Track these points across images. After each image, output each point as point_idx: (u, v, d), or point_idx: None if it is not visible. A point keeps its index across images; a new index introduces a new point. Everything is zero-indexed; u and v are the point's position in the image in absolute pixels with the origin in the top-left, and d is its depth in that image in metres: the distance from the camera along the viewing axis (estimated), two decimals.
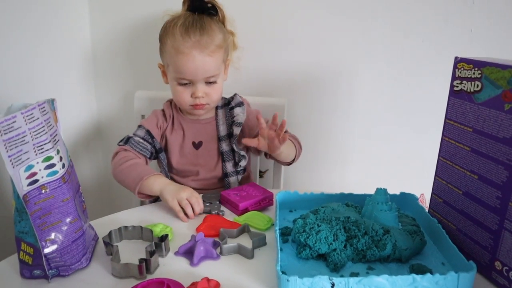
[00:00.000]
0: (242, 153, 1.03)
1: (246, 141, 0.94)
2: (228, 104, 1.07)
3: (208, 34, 0.95)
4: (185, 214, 0.84)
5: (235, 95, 1.08)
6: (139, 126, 1.04)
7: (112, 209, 0.85)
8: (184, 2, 1.02)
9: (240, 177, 1.05)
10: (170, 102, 1.10)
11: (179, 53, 0.94)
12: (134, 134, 1.02)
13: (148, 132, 1.03)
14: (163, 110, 1.08)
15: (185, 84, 0.98)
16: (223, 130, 1.04)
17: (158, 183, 0.90)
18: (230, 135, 1.04)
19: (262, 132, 0.92)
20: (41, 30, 1.10)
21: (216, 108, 1.07)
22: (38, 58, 1.11)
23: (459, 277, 0.57)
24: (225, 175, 1.04)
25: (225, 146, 1.04)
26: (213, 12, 1.01)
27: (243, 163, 1.03)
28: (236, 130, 1.02)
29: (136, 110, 1.23)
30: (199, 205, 0.84)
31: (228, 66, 1.07)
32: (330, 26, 1.14)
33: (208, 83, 0.99)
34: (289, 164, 1.05)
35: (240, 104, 1.06)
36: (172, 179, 1.06)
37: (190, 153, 1.05)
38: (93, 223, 0.77)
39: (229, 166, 1.04)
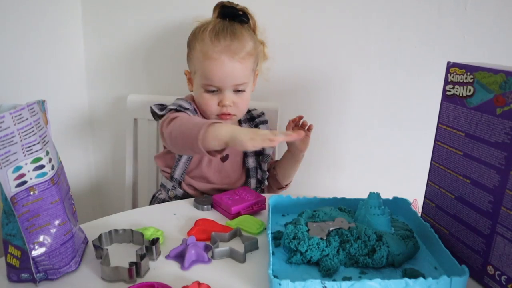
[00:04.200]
0: (264, 169, 1.04)
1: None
2: (252, 119, 1.06)
3: (239, 40, 0.93)
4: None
5: (262, 113, 1.08)
6: (185, 101, 0.96)
7: (102, 213, 0.85)
8: (214, 9, 0.99)
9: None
10: (195, 109, 1.01)
11: (207, 58, 0.91)
12: (182, 107, 0.93)
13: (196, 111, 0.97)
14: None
15: (213, 91, 0.94)
16: None
17: (227, 127, 0.76)
18: (257, 152, 1.04)
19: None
20: (33, 32, 1.10)
21: (240, 122, 1.05)
22: (30, 60, 1.10)
23: (451, 281, 0.57)
24: None
25: (251, 163, 1.03)
26: (244, 19, 0.98)
27: (265, 181, 1.04)
28: (269, 150, 1.03)
29: (128, 113, 1.22)
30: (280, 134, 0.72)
31: (257, 77, 1.04)
32: (324, 31, 1.15)
33: (237, 91, 0.95)
34: (283, 188, 1.09)
35: (265, 122, 1.05)
36: (188, 182, 1.01)
37: (215, 164, 1.01)
38: (83, 227, 0.76)
39: (253, 183, 1.04)
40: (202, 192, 1.03)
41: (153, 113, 0.97)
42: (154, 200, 1.11)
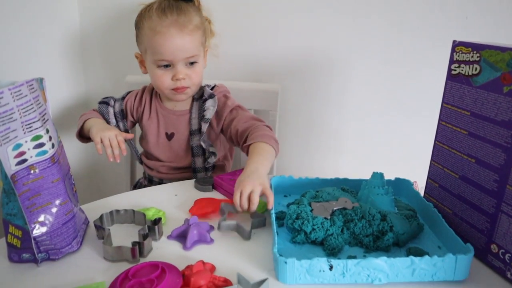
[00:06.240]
0: (212, 149, 1.00)
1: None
2: (202, 96, 1.04)
3: (185, 14, 0.94)
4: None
5: (206, 86, 1.05)
6: (122, 98, 1.07)
7: (99, 196, 0.84)
8: None
9: (209, 173, 1.04)
10: (153, 87, 1.07)
11: (156, 33, 0.92)
12: (113, 102, 1.05)
13: (122, 112, 1.05)
14: (142, 94, 1.07)
15: (165, 66, 0.95)
16: (194, 124, 1.02)
17: (93, 121, 0.97)
18: (200, 131, 1.01)
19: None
20: (27, 12, 1.07)
21: (193, 100, 1.04)
22: (25, 41, 1.08)
23: (457, 259, 0.57)
24: (194, 170, 1.03)
25: (195, 141, 1.02)
26: None
27: (212, 160, 1.01)
28: (204, 127, 0.99)
29: None
30: (116, 149, 0.90)
31: (207, 53, 1.04)
32: (324, 11, 1.13)
33: (189, 64, 0.96)
34: None
35: (211, 96, 1.02)
36: (144, 162, 1.09)
37: (162, 143, 1.04)
38: (83, 208, 0.75)
39: (198, 162, 1.02)
40: (158, 171, 1.06)
41: None
42: (137, 185, 1.16)
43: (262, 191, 0.73)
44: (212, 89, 1.04)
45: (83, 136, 1.00)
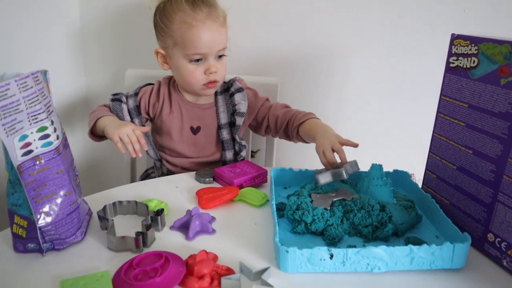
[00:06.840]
0: (244, 142, 1.02)
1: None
2: (227, 90, 1.04)
3: (214, 7, 0.94)
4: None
5: (234, 80, 1.05)
6: (135, 94, 1.03)
7: (100, 189, 0.85)
8: None
9: None
10: (169, 79, 1.06)
11: (192, 26, 0.91)
12: (126, 98, 1.03)
13: (137, 108, 1.02)
14: (158, 88, 1.04)
15: (198, 61, 0.94)
16: (223, 118, 1.02)
17: (106, 119, 0.94)
18: (231, 123, 1.02)
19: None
20: (28, 7, 1.07)
21: (216, 93, 1.04)
22: (25, 36, 1.08)
23: (454, 247, 0.58)
24: (224, 163, 1.03)
25: (225, 135, 1.02)
26: None
27: (244, 153, 1.02)
28: (239, 121, 1.00)
29: (126, 88, 1.20)
30: (137, 144, 0.87)
31: None
32: (324, 4, 1.14)
33: (218, 57, 0.96)
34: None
35: (240, 89, 1.03)
36: (165, 159, 1.06)
37: (187, 137, 1.03)
38: (86, 199, 0.76)
39: (229, 155, 1.03)
40: (182, 168, 1.05)
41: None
42: (145, 177, 1.14)
43: (339, 143, 0.81)
44: (232, 83, 1.05)
45: (95, 134, 0.98)
